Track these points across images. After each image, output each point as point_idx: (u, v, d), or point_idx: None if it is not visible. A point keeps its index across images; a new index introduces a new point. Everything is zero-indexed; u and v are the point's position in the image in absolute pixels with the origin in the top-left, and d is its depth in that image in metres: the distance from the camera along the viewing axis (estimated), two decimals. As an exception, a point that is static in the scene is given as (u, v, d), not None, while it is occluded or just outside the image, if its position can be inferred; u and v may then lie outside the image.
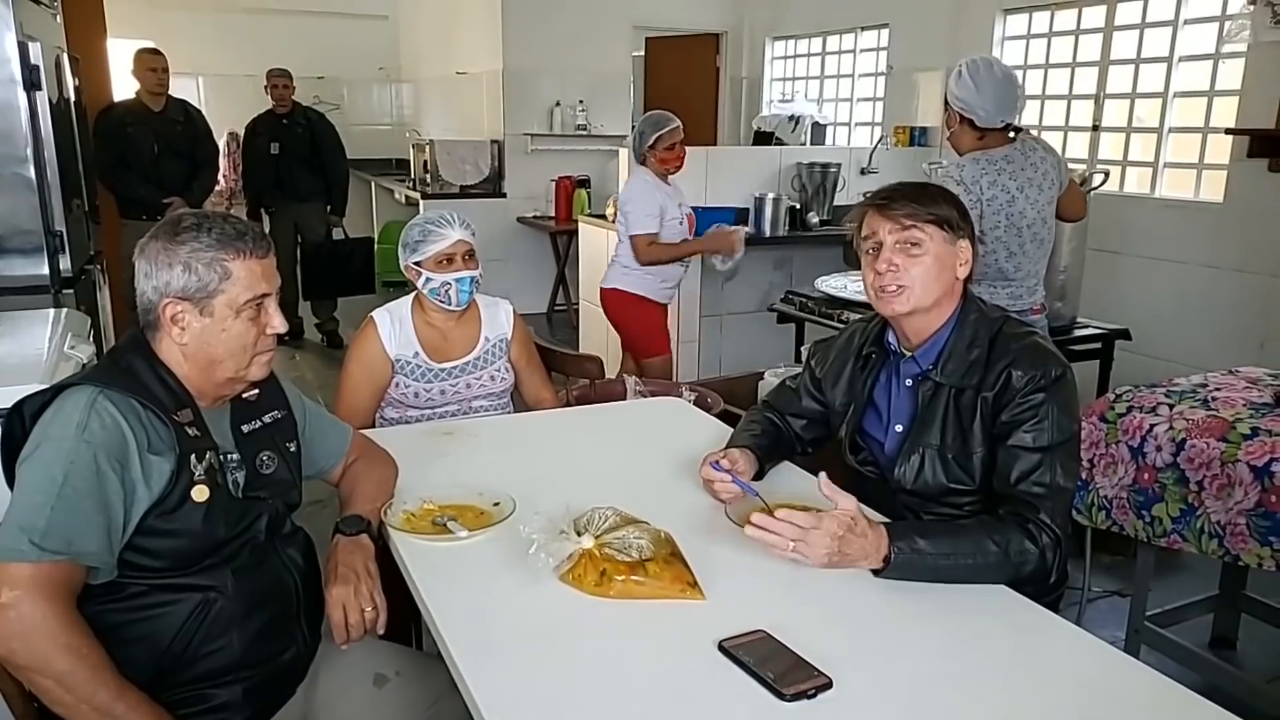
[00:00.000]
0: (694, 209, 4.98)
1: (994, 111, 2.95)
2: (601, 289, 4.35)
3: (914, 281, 1.80)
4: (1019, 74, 5.60)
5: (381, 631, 1.66)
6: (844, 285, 4.20)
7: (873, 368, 1.98)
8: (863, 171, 6.01)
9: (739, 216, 5.07)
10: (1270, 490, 2.23)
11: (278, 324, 1.63)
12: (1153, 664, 1.47)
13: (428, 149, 7.48)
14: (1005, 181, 2.80)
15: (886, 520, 1.71)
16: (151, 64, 5.47)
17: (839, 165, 5.69)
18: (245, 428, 1.67)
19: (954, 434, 1.83)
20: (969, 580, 1.62)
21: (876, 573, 1.61)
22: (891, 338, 1.94)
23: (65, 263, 3.43)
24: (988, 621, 1.54)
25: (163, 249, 1.54)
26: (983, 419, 1.79)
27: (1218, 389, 2.63)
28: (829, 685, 1.31)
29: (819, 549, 1.57)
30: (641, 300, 4.19)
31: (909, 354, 1.90)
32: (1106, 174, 4.21)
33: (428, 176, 7.49)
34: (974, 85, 2.94)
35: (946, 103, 3.02)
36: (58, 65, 3.66)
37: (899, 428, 1.92)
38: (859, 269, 1.92)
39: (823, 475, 1.66)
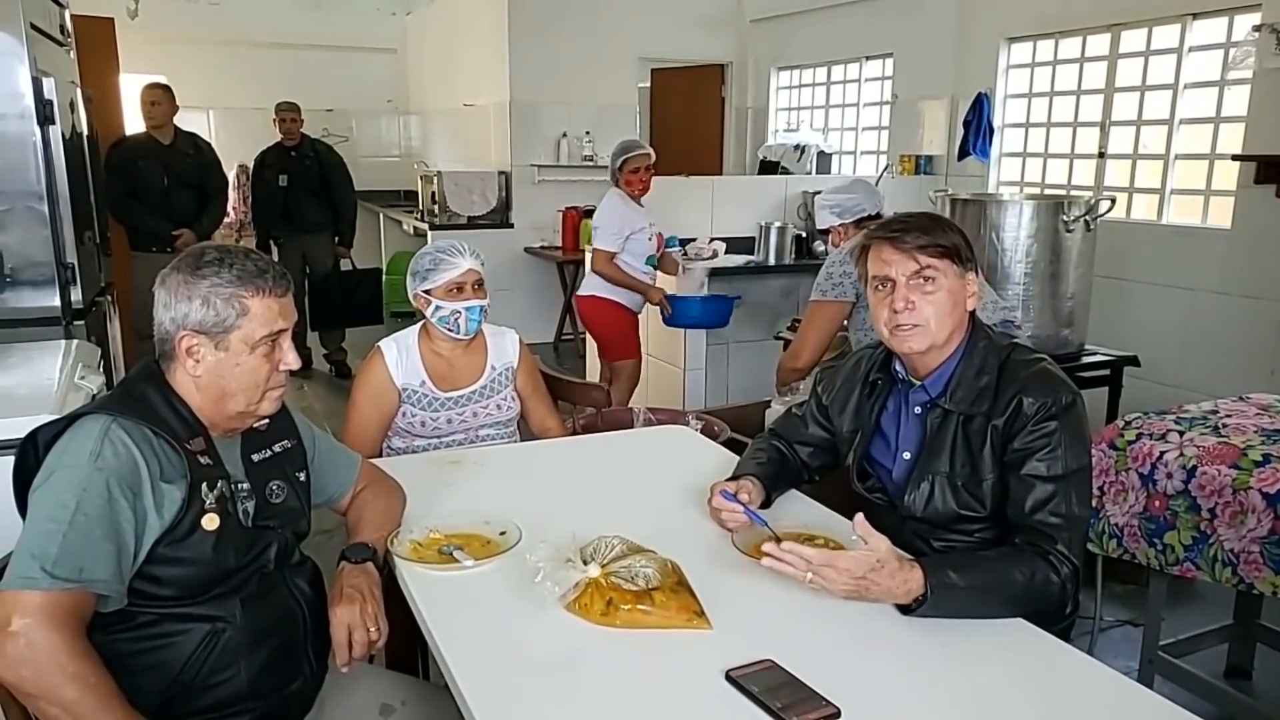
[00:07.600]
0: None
1: (872, 199, 3.40)
2: (577, 297, 4.76)
3: (929, 320, 1.79)
4: (1024, 101, 5.71)
5: (377, 650, 1.66)
6: (850, 313, 4.20)
7: (880, 395, 1.98)
8: (868, 200, 6.03)
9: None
10: (1282, 517, 2.22)
11: (291, 360, 1.64)
12: (1167, 694, 1.46)
13: (435, 180, 7.53)
14: None
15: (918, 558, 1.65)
16: (148, 97, 5.49)
17: (845, 194, 5.71)
18: (255, 457, 1.67)
19: (963, 461, 1.82)
20: (997, 615, 1.60)
21: (906, 610, 1.57)
22: (899, 365, 1.94)
23: (76, 294, 3.46)
24: (999, 651, 1.53)
25: (183, 282, 1.55)
26: (992, 446, 1.78)
27: (1228, 416, 2.62)
28: (837, 715, 1.30)
29: (839, 583, 1.55)
30: (613, 305, 4.54)
31: (918, 383, 1.89)
32: (1113, 200, 4.21)
33: (436, 207, 7.53)
34: (847, 194, 3.40)
35: (828, 232, 3.43)
36: (71, 100, 3.70)
37: (907, 455, 1.91)
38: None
39: (859, 517, 1.62)
